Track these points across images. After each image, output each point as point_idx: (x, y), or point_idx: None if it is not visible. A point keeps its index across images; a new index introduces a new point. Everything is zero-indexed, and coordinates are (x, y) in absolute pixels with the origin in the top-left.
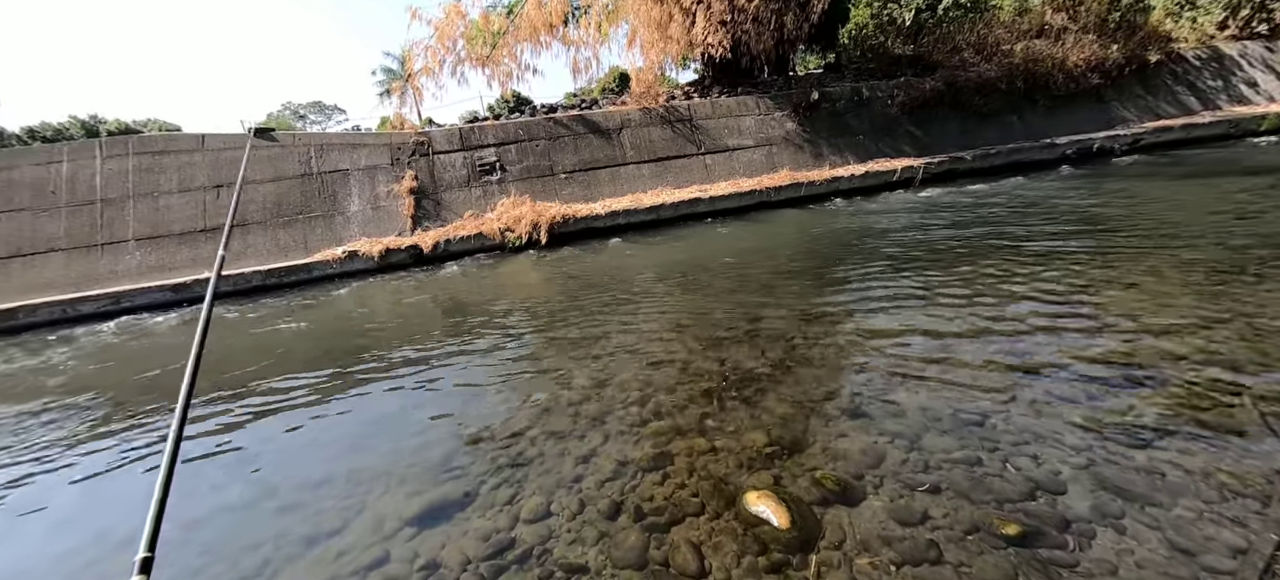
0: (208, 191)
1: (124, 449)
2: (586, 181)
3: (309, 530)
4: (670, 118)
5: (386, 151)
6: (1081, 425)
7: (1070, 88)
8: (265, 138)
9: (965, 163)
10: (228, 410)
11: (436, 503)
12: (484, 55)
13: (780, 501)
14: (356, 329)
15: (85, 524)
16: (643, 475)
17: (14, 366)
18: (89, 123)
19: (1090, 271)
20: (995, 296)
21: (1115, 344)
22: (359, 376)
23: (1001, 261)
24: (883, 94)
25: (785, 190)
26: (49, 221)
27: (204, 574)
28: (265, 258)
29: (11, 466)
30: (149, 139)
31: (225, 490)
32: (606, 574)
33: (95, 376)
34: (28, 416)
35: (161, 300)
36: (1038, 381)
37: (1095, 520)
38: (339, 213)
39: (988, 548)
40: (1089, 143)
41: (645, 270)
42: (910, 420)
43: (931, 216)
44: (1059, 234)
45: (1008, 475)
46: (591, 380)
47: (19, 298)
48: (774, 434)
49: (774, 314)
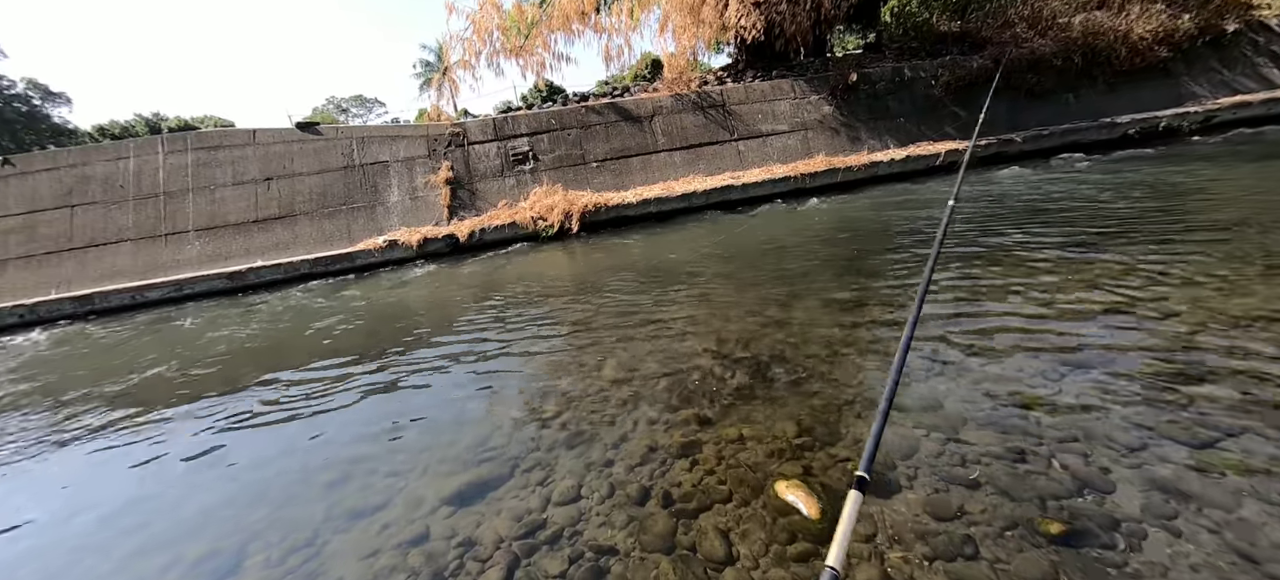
0: (259, 184)
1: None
2: (618, 170)
3: (355, 505)
4: (702, 104)
5: (424, 143)
6: (1135, 422)
7: (1134, 62)
8: (310, 131)
9: (1015, 145)
10: (280, 393)
11: (472, 483)
12: (517, 45)
13: (810, 491)
14: (397, 316)
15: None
16: (672, 462)
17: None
18: (152, 120)
19: (1148, 258)
20: (1043, 285)
21: (1177, 336)
22: (400, 361)
23: (1050, 248)
24: (926, 74)
25: (821, 176)
26: (119, 213)
27: (259, 540)
28: (312, 247)
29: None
30: (205, 134)
31: (278, 464)
32: (635, 557)
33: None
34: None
35: (220, 288)
36: (1088, 375)
37: (1147, 521)
38: (380, 203)
39: (1028, 546)
40: (1154, 121)
41: (676, 258)
42: (949, 412)
43: (974, 201)
44: (1113, 218)
45: (1052, 472)
46: (621, 367)
47: (94, 285)
48: (804, 424)
49: (807, 302)
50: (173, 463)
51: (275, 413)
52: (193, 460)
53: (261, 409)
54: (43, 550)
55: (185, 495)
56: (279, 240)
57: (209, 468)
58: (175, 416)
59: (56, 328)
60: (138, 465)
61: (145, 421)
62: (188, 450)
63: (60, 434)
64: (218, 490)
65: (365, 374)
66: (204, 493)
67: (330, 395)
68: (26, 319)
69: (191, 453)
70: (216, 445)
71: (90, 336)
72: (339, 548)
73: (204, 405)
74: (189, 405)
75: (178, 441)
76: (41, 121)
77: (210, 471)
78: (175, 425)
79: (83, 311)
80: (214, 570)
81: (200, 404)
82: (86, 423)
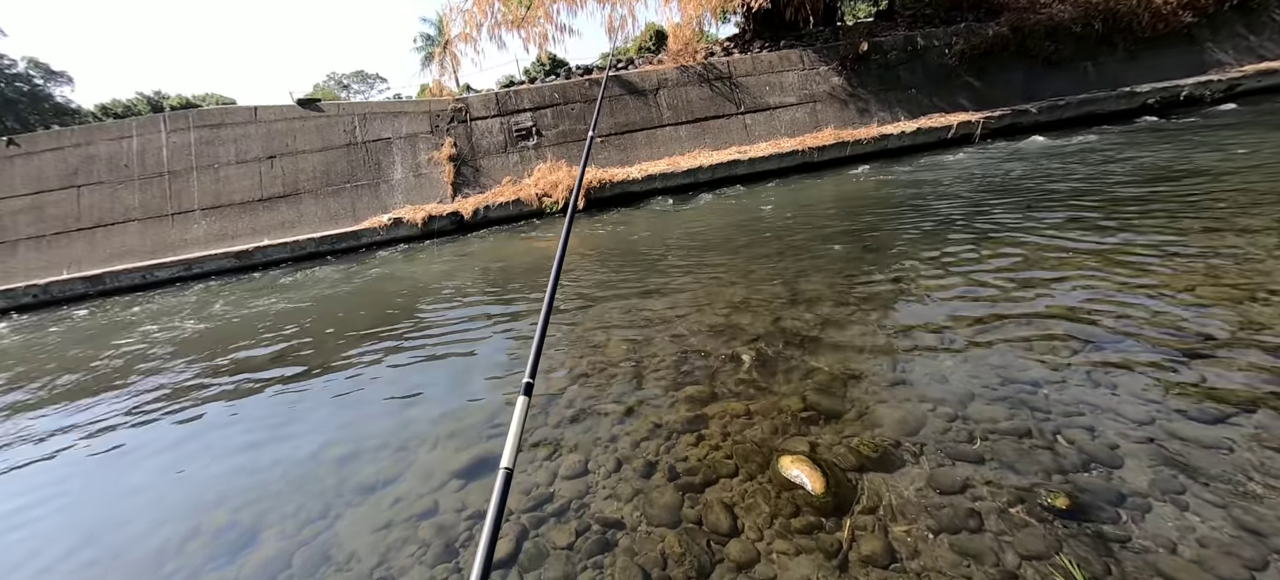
0: (263, 162)
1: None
2: (623, 144)
3: (366, 479)
4: (708, 76)
5: (426, 119)
6: (1144, 397)
7: (1157, 28)
8: (311, 108)
9: (1030, 116)
10: (290, 369)
11: (481, 457)
12: (519, 17)
13: (815, 466)
14: (405, 292)
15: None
16: (677, 437)
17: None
18: (153, 99)
19: (1163, 233)
20: (1054, 259)
21: (1189, 311)
22: (409, 337)
23: (1061, 222)
24: (939, 42)
25: (829, 150)
26: (125, 193)
27: (273, 513)
28: (317, 225)
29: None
30: (207, 112)
31: (291, 440)
32: (641, 530)
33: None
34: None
35: (228, 266)
36: (1098, 351)
37: (1154, 496)
38: (383, 181)
39: (1033, 519)
40: (1175, 90)
41: (681, 234)
42: (955, 387)
43: (987, 173)
44: (1127, 190)
45: (1059, 447)
46: (627, 343)
47: (103, 265)
48: (810, 399)
49: (813, 278)
50: (202, 430)
51: (283, 389)
52: (218, 431)
53: (270, 385)
54: (70, 525)
55: (205, 467)
56: (284, 219)
57: (225, 440)
58: (185, 393)
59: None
60: (174, 435)
61: (175, 399)
62: (215, 423)
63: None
64: (233, 461)
65: (373, 350)
66: (220, 464)
67: (340, 372)
68: (40, 299)
69: (220, 424)
70: (233, 417)
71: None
72: (352, 521)
73: (225, 381)
74: (211, 380)
75: (212, 413)
76: (44, 101)
77: (227, 444)
78: (182, 405)
79: (94, 291)
80: (234, 541)
81: (219, 381)
82: (158, 394)
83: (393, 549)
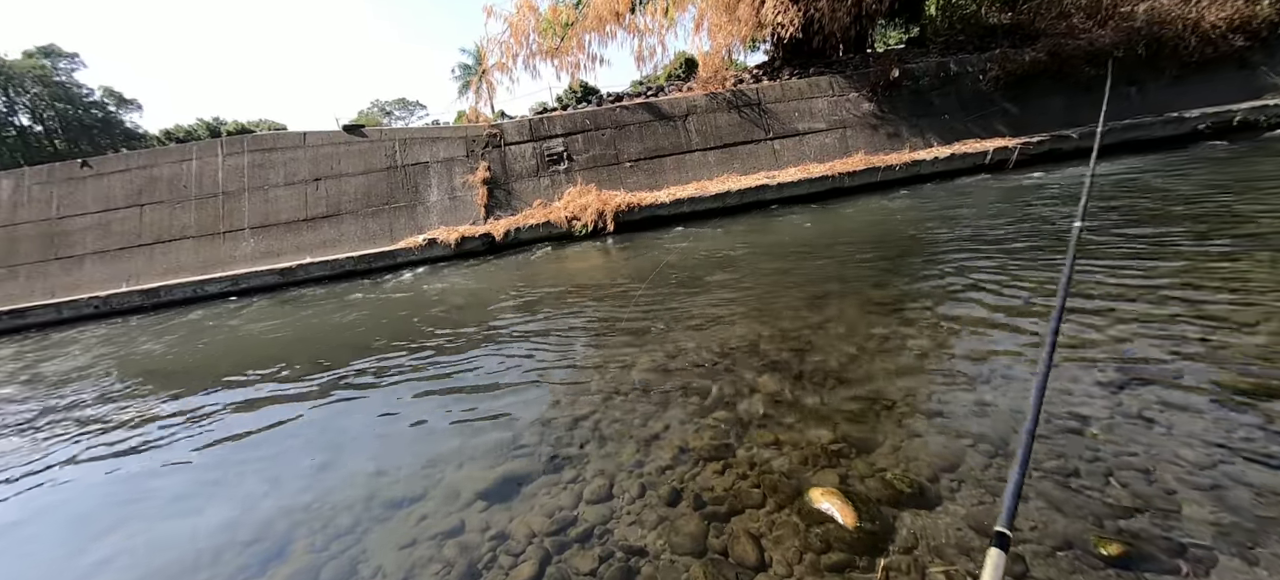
0: (309, 184)
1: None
2: (651, 169)
3: (395, 496)
4: (737, 102)
5: (462, 144)
6: (1204, 440)
7: (1206, 52)
8: (355, 134)
9: (1070, 142)
10: (322, 387)
11: (506, 478)
12: (553, 47)
13: (846, 499)
14: (437, 312)
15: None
16: (703, 464)
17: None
18: (212, 124)
19: (1221, 265)
20: (1101, 290)
21: (1253, 349)
22: (439, 356)
23: (1107, 251)
24: (973, 68)
25: (860, 175)
26: (182, 212)
27: (304, 527)
28: (356, 245)
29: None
30: (260, 137)
31: (320, 456)
32: (665, 558)
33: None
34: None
35: (272, 283)
36: (1152, 389)
37: (1218, 546)
38: (420, 203)
39: (1083, 566)
40: (1228, 115)
41: (709, 259)
42: (995, 422)
43: (1023, 201)
44: (1181, 221)
45: (1110, 491)
46: (653, 366)
47: (159, 279)
48: (841, 430)
49: (844, 304)
50: (225, 450)
51: (319, 407)
52: (240, 440)
53: (305, 402)
54: (107, 524)
55: (237, 478)
56: (326, 238)
57: (254, 455)
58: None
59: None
60: (199, 449)
61: (189, 411)
62: (238, 433)
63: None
64: (265, 474)
65: (402, 368)
66: (251, 479)
67: (371, 389)
68: (100, 311)
69: (240, 431)
70: (264, 428)
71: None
72: (379, 537)
73: (247, 392)
74: (239, 391)
75: (230, 427)
76: (116, 127)
77: (256, 459)
78: (215, 415)
79: (149, 304)
80: (263, 553)
81: (243, 391)
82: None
83: (418, 567)
